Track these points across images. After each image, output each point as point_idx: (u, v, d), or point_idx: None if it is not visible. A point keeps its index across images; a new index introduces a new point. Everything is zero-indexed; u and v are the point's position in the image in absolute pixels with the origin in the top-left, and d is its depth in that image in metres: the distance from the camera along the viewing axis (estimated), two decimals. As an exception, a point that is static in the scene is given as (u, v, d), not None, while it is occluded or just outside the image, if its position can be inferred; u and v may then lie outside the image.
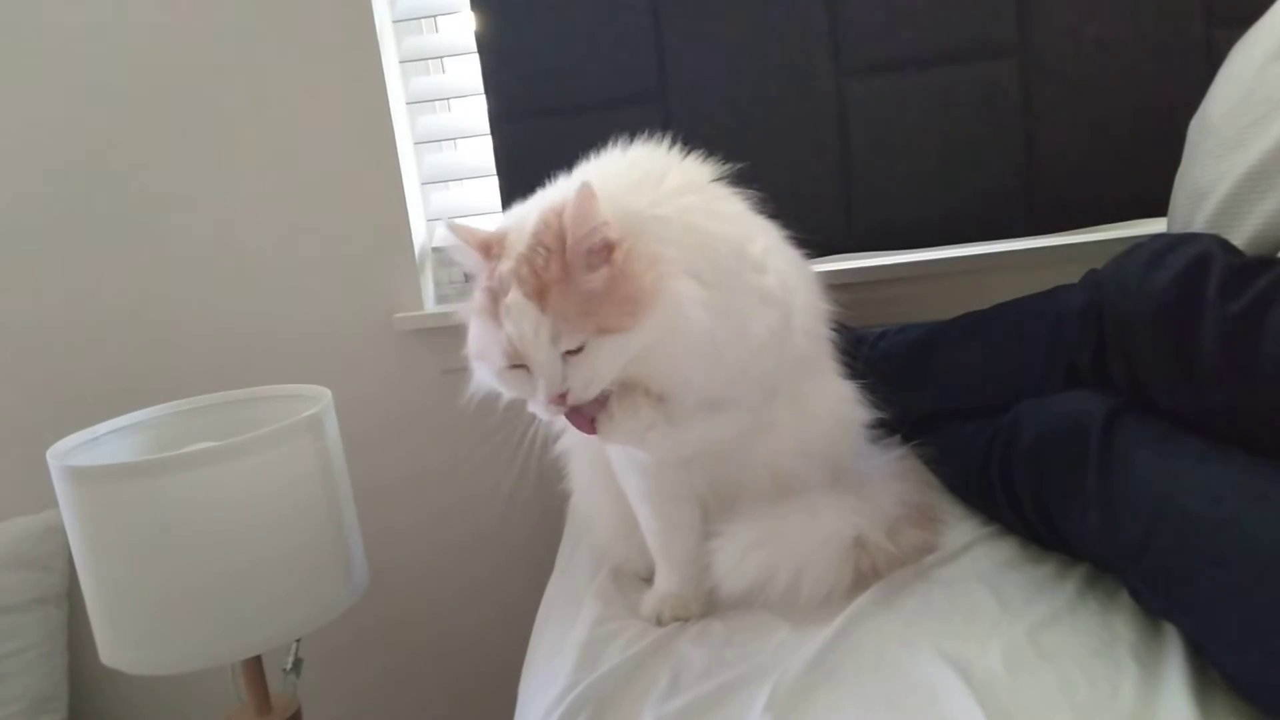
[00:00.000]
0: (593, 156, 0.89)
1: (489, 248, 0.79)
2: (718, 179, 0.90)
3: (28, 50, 1.56)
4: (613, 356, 0.76)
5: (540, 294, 0.74)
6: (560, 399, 0.76)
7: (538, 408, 0.79)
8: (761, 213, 0.94)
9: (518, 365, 0.77)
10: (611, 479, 0.97)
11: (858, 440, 1.01)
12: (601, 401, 0.80)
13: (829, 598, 0.86)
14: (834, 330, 1.03)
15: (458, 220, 0.82)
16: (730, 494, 0.93)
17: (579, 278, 0.74)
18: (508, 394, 0.82)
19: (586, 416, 0.81)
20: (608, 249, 0.75)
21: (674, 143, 0.90)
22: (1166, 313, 0.85)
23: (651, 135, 0.90)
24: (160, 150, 1.59)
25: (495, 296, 0.76)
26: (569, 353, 0.75)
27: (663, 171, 0.86)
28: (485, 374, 0.82)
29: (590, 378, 0.76)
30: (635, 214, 0.78)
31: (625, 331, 0.75)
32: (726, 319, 0.80)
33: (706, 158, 0.91)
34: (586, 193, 0.73)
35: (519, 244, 0.77)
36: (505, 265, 0.76)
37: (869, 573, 0.89)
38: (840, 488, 0.95)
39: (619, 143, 0.90)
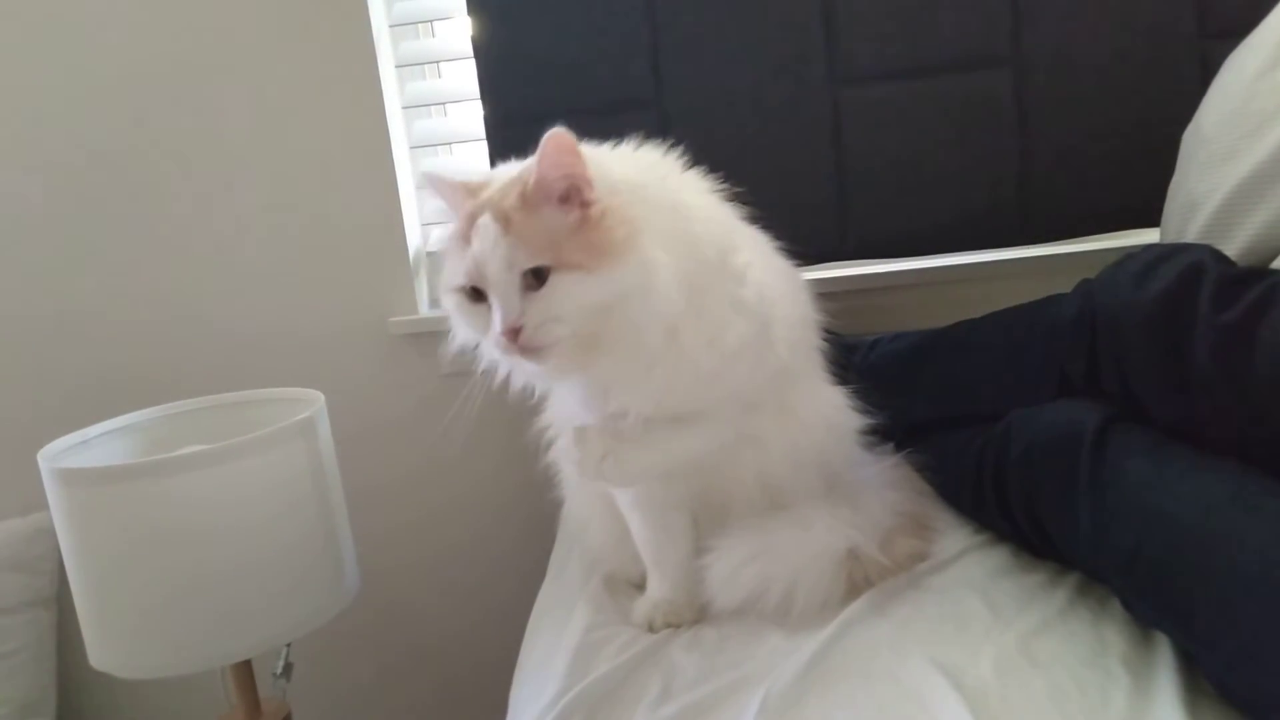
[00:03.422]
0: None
1: (470, 189, 0.83)
2: (714, 190, 0.91)
3: (26, 52, 1.56)
4: (572, 297, 0.76)
5: (506, 218, 0.77)
6: (513, 334, 0.76)
7: (492, 344, 0.80)
8: (754, 222, 0.94)
9: (479, 298, 0.79)
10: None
11: (850, 448, 1.01)
12: (552, 351, 0.78)
13: (822, 609, 0.86)
14: (825, 339, 1.03)
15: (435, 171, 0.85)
16: (720, 505, 0.93)
17: (546, 210, 0.77)
18: (465, 334, 0.85)
19: (534, 355, 0.79)
20: (582, 202, 0.78)
21: (670, 149, 0.91)
22: (1159, 322, 0.85)
23: (648, 140, 0.91)
24: (155, 153, 1.58)
25: (472, 220, 0.79)
26: (531, 290, 0.76)
27: (667, 170, 0.89)
28: (456, 320, 0.85)
29: (546, 315, 0.76)
30: (626, 182, 0.81)
31: (586, 271, 0.76)
32: (699, 320, 0.81)
33: (701, 164, 0.91)
34: (558, 137, 0.76)
35: (500, 181, 0.81)
36: (484, 194, 0.80)
37: (862, 584, 0.89)
38: (833, 498, 0.95)
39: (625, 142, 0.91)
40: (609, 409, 0.86)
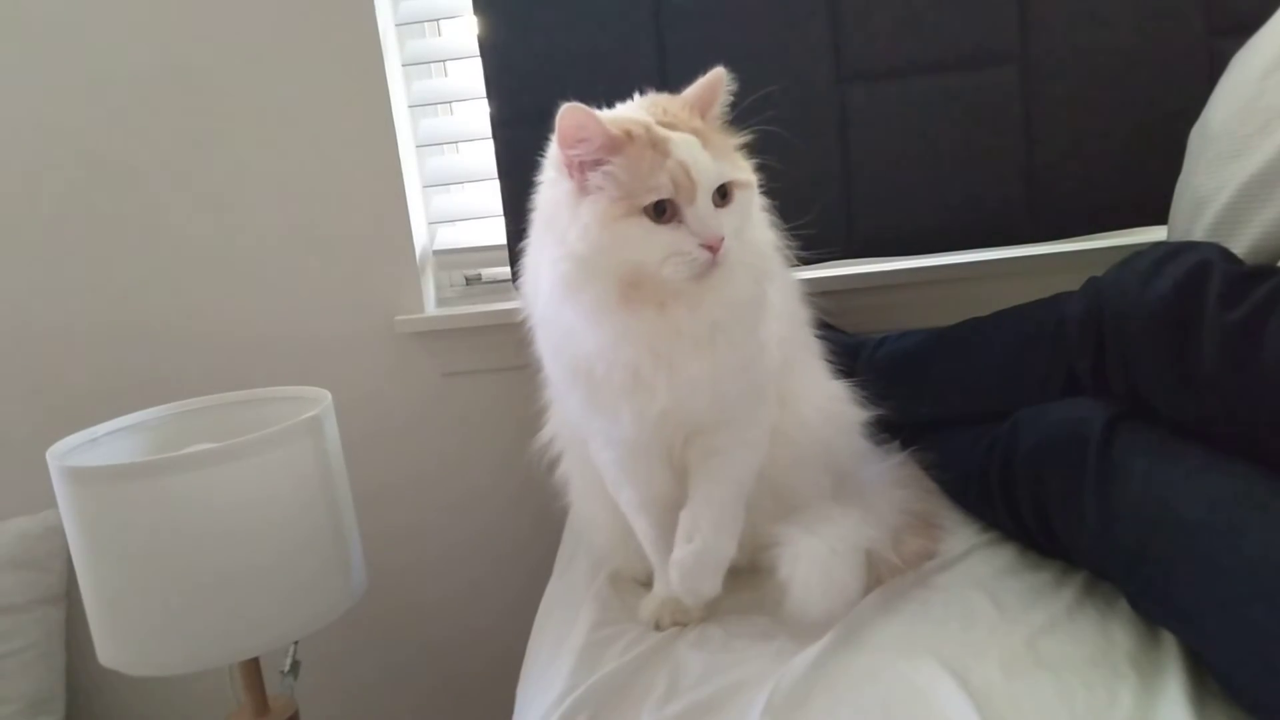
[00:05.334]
0: None
1: (614, 121, 0.81)
2: None
3: (28, 49, 1.56)
4: (749, 212, 0.83)
5: (701, 135, 0.80)
6: (719, 241, 0.76)
7: (685, 260, 0.76)
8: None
9: (660, 219, 0.76)
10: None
11: (854, 440, 1.01)
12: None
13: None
14: (827, 334, 1.03)
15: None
16: None
17: (715, 132, 0.83)
18: (631, 266, 0.78)
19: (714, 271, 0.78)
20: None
21: None
22: (1166, 321, 0.85)
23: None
24: (162, 151, 1.59)
25: (655, 138, 0.78)
26: (717, 205, 0.79)
27: None
28: (621, 246, 0.78)
29: (739, 225, 0.80)
30: None
31: (754, 190, 0.83)
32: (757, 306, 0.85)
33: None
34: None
35: (643, 111, 0.84)
36: (645, 118, 0.81)
37: (871, 583, 0.90)
38: (842, 498, 0.95)
39: None
40: (653, 409, 0.82)
